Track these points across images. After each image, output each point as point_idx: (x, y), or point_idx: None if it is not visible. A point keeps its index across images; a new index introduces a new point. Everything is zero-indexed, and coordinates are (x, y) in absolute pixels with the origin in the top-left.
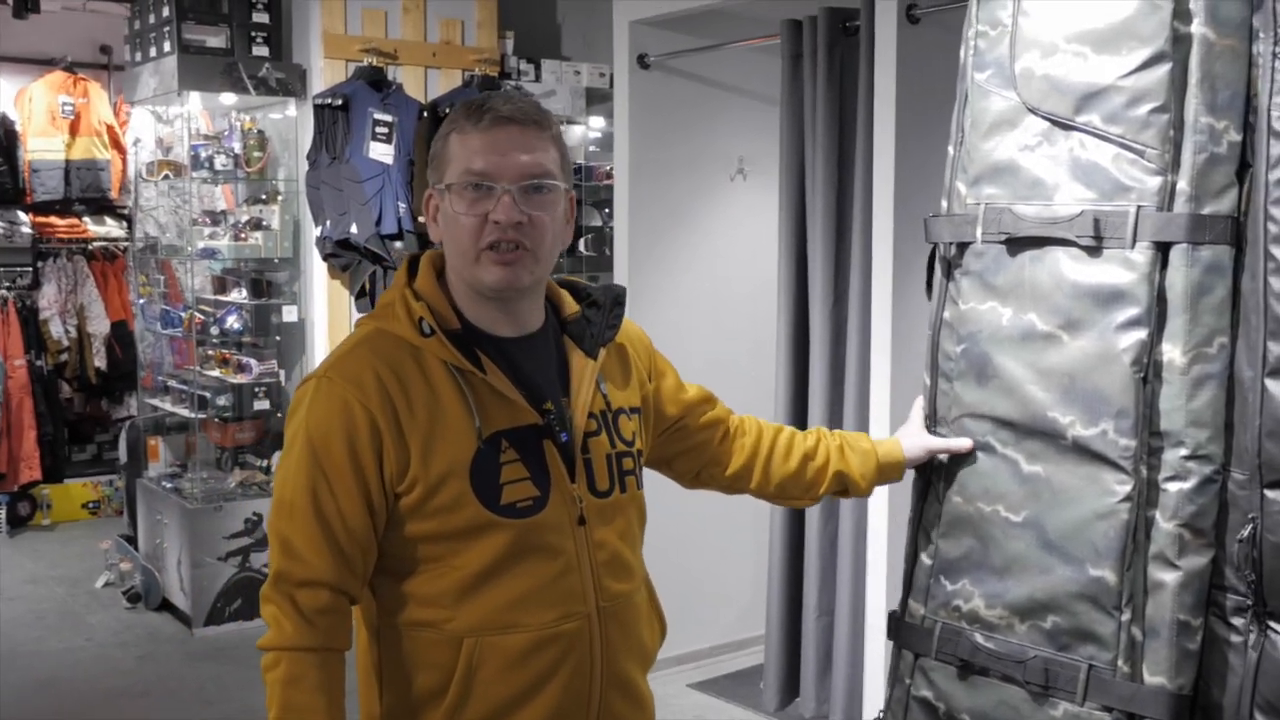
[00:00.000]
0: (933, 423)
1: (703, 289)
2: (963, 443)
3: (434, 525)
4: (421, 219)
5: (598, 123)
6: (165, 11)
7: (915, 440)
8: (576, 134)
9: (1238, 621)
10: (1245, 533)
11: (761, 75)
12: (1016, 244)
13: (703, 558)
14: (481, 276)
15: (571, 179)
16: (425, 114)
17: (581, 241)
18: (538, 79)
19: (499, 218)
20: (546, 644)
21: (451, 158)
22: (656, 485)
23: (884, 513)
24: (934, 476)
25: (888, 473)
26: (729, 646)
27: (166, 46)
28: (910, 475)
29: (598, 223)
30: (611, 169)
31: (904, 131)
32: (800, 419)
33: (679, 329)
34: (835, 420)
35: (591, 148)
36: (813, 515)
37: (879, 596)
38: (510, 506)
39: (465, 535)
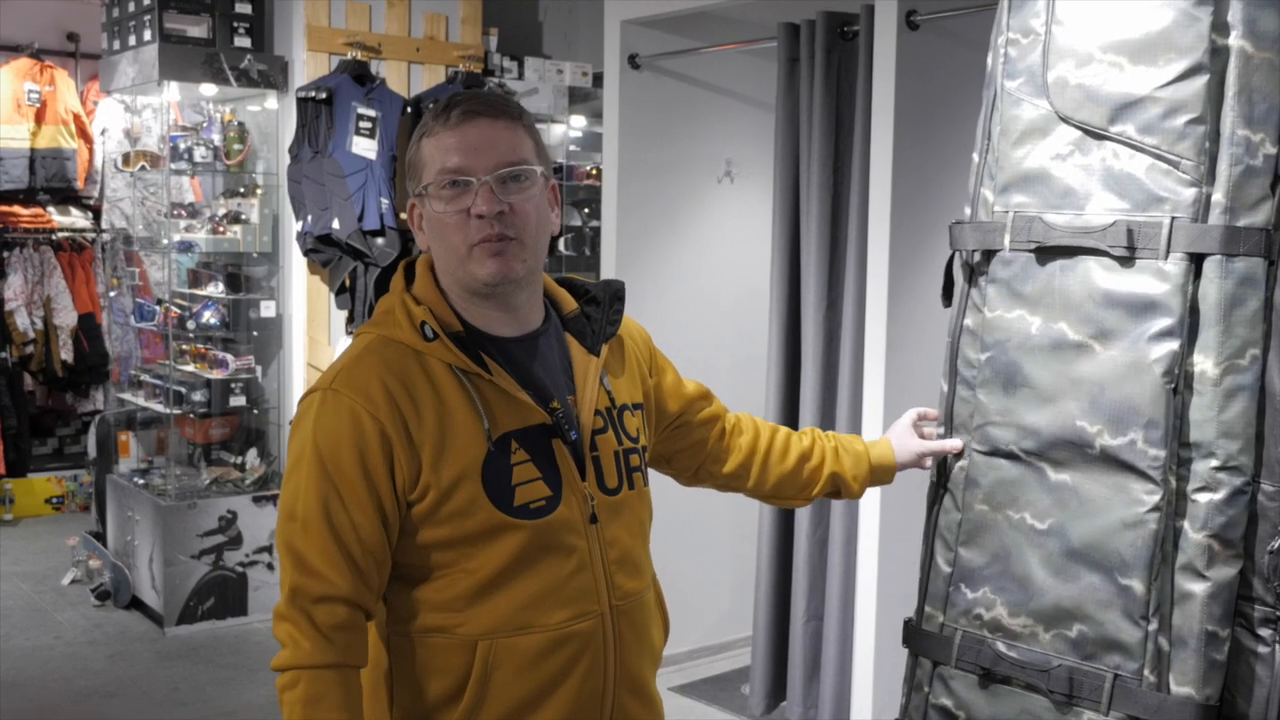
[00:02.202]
0: (950, 429)
1: (691, 290)
2: (953, 444)
3: (447, 531)
4: (404, 215)
5: (579, 122)
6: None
7: (904, 443)
8: (558, 133)
9: (1265, 632)
10: (1275, 544)
11: (751, 78)
12: (1046, 253)
13: (683, 560)
14: (474, 272)
15: (550, 165)
16: (409, 109)
17: (561, 241)
18: (520, 77)
19: (480, 210)
20: (561, 644)
21: (426, 161)
22: None
23: (875, 517)
24: (951, 484)
25: (879, 475)
26: (710, 650)
27: (147, 35)
28: (903, 477)
29: (577, 222)
30: (592, 168)
31: (902, 137)
32: (791, 424)
33: (668, 330)
34: (827, 426)
35: (573, 147)
36: (802, 519)
37: (869, 601)
38: (523, 507)
39: (479, 539)
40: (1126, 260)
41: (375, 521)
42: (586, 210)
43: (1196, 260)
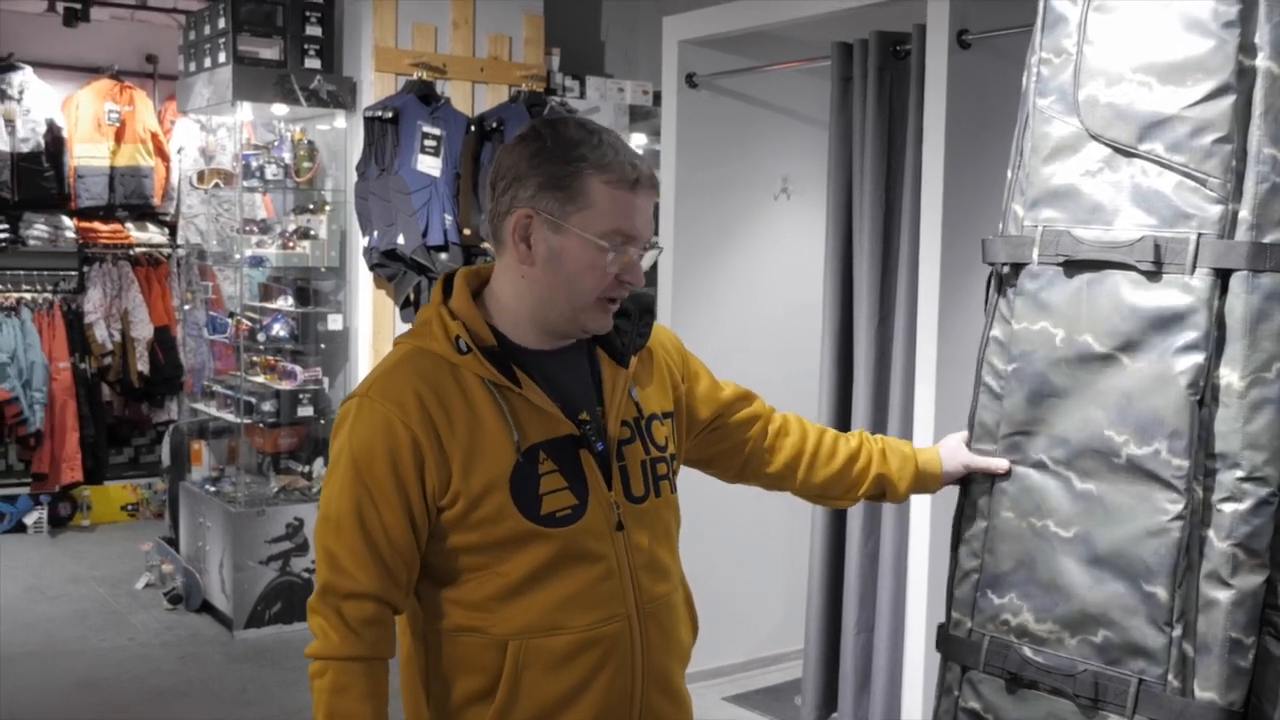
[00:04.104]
0: (972, 437)
1: (747, 306)
2: (1000, 463)
3: (477, 537)
4: (467, 231)
5: (640, 139)
6: (221, 23)
7: (954, 454)
8: None
9: None
10: None
11: (807, 96)
12: (1074, 266)
13: (738, 572)
14: (586, 321)
15: None
16: (473, 128)
17: None
18: (582, 95)
19: (630, 278)
20: (590, 645)
21: (594, 203)
22: (692, 500)
23: (925, 529)
24: (976, 492)
25: (925, 482)
26: (764, 661)
27: (221, 57)
28: (952, 490)
29: None
30: None
31: (953, 155)
32: None
33: (723, 346)
34: None
35: None
36: (854, 531)
37: (919, 613)
38: (550, 516)
39: (508, 545)
40: (1154, 275)
41: (405, 524)
42: None
43: (1223, 275)
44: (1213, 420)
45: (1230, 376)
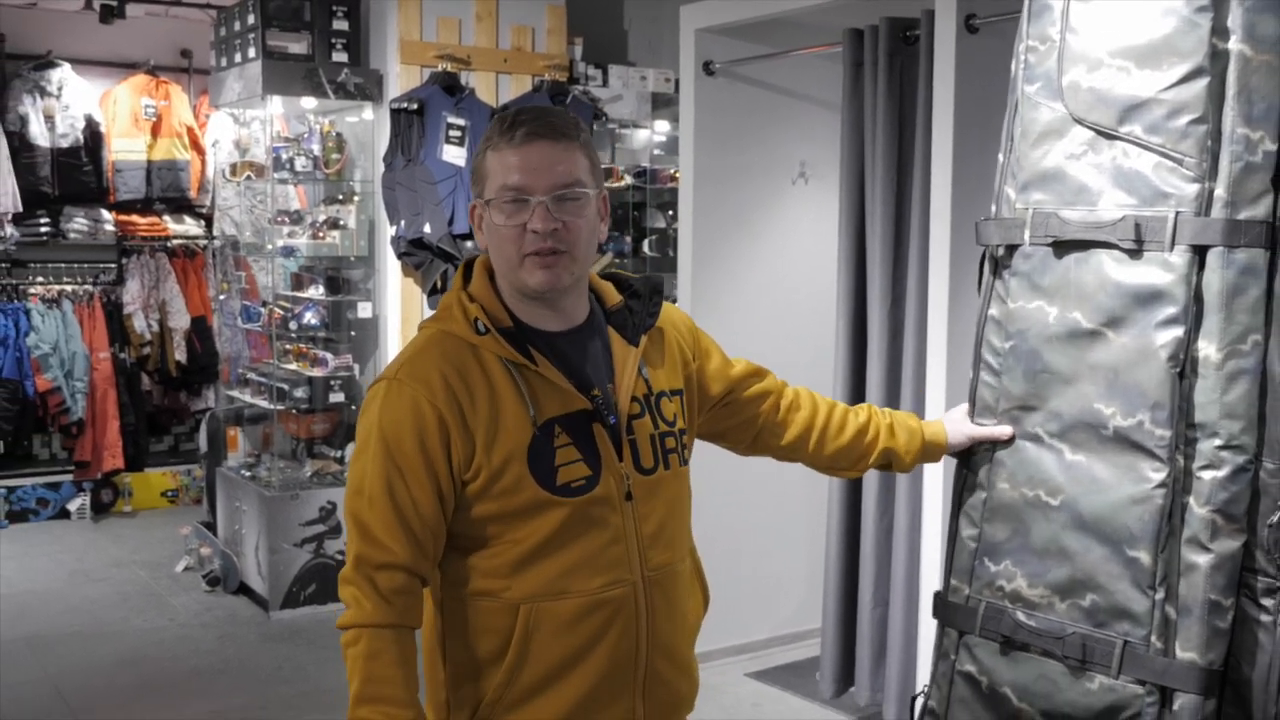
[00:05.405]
0: (973, 413)
1: (764, 290)
2: (1003, 430)
3: (497, 506)
4: None
5: (663, 126)
6: (251, 19)
7: (958, 426)
8: (642, 138)
9: (1268, 602)
10: (1275, 519)
11: (823, 82)
12: (1062, 246)
13: (760, 550)
14: (525, 280)
15: (602, 181)
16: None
17: (646, 243)
18: (605, 84)
19: (536, 227)
20: (595, 608)
21: (489, 173)
22: (716, 481)
23: (939, 505)
24: (976, 464)
25: (930, 452)
26: (786, 638)
27: (251, 52)
28: (954, 464)
29: (661, 225)
30: (675, 172)
31: (961, 138)
32: None
33: (741, 328)
34: None
35: (656, 151)
36: (869, 508)
37: (933, 586)
38: (565, 486)
39: (525, 513)
40: (1135, 253)
41: (433, 498)
42: (670, 213)
43: (1200, 252)
44: (1193, 391)
45: (1208, 349)
